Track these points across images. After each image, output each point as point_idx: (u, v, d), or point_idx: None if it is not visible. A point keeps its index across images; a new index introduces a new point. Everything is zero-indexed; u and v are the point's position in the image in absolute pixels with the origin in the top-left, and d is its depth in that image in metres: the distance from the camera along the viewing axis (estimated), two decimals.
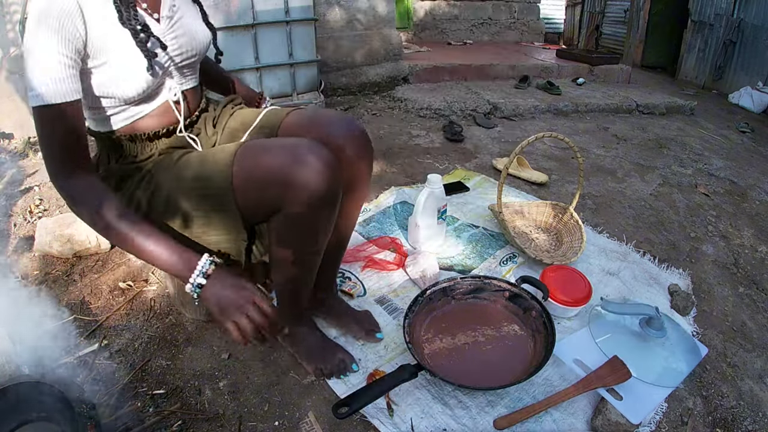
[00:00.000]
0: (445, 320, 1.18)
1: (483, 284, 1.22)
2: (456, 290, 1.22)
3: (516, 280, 1.18)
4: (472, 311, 1.20)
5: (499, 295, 1.21)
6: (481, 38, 5.51)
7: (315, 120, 0.97)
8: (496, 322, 1.17)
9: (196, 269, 0.75)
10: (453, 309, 1.21)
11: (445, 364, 1.06)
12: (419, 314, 1.15)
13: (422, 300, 1.16)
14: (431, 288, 1.19)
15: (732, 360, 1.22)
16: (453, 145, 2.47)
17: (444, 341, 1.12)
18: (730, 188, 2.23)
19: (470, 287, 1.22)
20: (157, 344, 1.17)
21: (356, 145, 0.96)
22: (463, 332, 1.14)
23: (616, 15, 6.76)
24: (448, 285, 1.21)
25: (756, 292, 1.51)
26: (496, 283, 1.21)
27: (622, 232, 1.71)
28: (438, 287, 1.20)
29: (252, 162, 0.82)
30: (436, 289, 1.19)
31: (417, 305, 1.14)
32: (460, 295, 1.22)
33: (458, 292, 1.22)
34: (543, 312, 1.11)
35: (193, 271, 0.75)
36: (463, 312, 1.20)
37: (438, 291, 1.20)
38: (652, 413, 1.02)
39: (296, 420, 0.99)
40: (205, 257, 0.77)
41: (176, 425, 0.96)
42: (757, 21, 4.78)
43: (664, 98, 3.60)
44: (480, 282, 1.22)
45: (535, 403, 0.99)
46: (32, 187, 1.89)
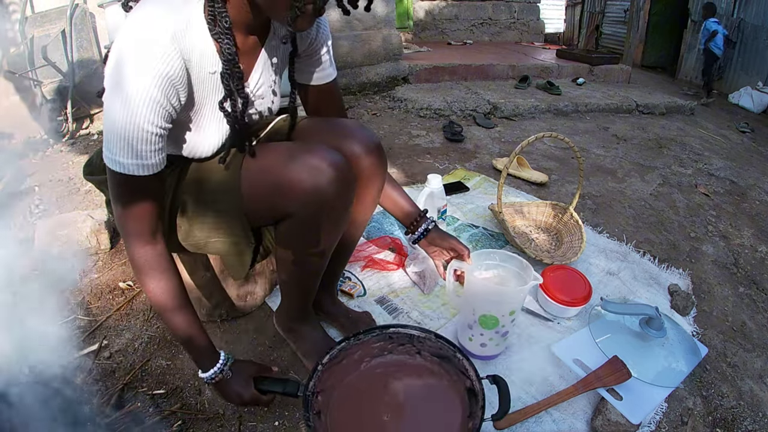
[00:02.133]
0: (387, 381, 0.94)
1: (452, 356, 0.93)
2: (423, 344, 0.97)
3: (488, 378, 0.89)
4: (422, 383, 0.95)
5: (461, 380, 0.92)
6: (481, 38, 5.51)
7: (332, 127, 0.95)
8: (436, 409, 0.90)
9: (206, 374, 0.86)
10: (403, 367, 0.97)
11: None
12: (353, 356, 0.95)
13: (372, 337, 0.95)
14: (397, 329, 0.96)
15: (732, 360, 1.22)
16: (453, 145, 2.47)
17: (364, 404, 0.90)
18: (730, 188, 2.23)
19: (438, 351, 0.96)
20: (157, 344, 1.17)
21: (372, 158, 0.93)
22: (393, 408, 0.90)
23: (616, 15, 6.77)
24: (419, 335, 0.95)
25: (756, 292, 1.51)
26: (464, 364, 0.90)
27: (622, 232, 1.71)
28: (406, 332, 0.96)
29: (262, 166, 0.81)
30: (403, 333, 0.96)
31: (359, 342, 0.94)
32: (426, 350, 0.97)
33: (425, 347, 0.97)
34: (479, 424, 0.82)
35: (205, 372, 0.86)
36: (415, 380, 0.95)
37: (404, 336, 0.96)
38: (652, 413, 1.02)
39: (296, 420, 0.99)
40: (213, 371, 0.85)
41: (176, 425, 0.96)
42: (757, 21, 4.78)
43: (664, 98, 3.61)
44: (451, 351, 0.93)
45: (535, 403, 0.99)
46: (32, 187, 1.89)
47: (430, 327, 1.21)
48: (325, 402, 0.88)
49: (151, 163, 0.71)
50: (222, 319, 1.22)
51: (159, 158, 0.72)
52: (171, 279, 0.79)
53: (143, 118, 0.66)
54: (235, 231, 0.88)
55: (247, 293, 1.21)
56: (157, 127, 0.68)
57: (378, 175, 0.96)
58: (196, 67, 0.72)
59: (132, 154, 0.68)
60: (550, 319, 1.25)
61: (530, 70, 3.85)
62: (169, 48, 0.66)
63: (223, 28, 0.70)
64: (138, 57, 0.64)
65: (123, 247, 1.51)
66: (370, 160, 0.92)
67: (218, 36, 0.71)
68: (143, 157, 0.69)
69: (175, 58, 0.67)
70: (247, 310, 1.24)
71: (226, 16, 0.69)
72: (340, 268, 1.19)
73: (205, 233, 0.89)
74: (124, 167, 0.69)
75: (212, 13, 0.69)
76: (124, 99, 0.65)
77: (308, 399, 0.83)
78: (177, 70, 0.68)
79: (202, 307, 1.19)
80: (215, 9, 0.69)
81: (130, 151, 0.68)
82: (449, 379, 0.93)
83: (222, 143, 0.86)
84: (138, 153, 0.68)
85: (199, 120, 0.80)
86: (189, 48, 0.70)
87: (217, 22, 0.70)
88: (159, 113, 0.68)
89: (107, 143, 0.69)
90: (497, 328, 1.02)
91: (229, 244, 0.90)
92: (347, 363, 0.94)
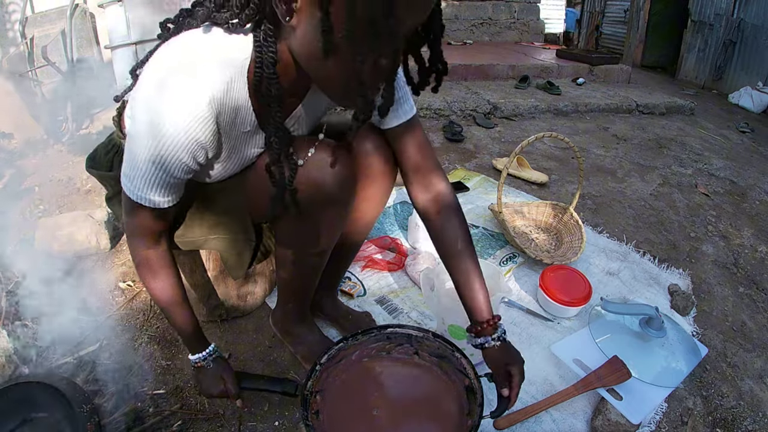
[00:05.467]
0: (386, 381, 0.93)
1: (450, 355, 0.92)
2: (422, 343, 0.95)
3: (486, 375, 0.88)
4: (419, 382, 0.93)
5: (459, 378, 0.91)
6: (481, 38, 5.51)
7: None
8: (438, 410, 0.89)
9: (192, 356, 0.88)
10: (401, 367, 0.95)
11: None
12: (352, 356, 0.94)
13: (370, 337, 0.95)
14: (395, 329, 0.95)
15: (732, 360, 1.22)
16: (453, 145, 2.47)
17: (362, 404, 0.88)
18: (730, 188, 2.22)
19: (436, 350, 0.95)
20: (157, 344, 1.17)
21: (381, 156, 0.91)
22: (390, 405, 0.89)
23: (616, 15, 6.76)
24: (417, 335, 0.95)
25: (756, 292, 1.51)
26: (463, 362, 0.90)
27: (622, 232, 1.70)
28: (404, 331, 0.95)
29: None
30: (401, 333, 0.95)
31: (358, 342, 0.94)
32: (424, 350, 0.96)
33: (423, 347, 0.96)
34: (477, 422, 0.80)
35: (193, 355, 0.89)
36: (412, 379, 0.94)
37: (402, 335, 0.95)
38: (652, 413, 1.02)
39: (296, 420, 0.99)
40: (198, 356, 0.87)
41: (176, 425, 0.96)
42: (757, 21, 4.78)
43: (664, 98, 3.60)
44: (449, 350, 0.92)
45: (535, 403, 0.99)
46: (32, 187, 1.89)
47: (429, 327, 1.21)
48: (324, 401, 0.87)
49: (166, 200, 0.72)
50: (222, 319, 1.21)
51: (173, 198, 0.73)
52: (171, 276, 0.82)
53: (166, 169, 0.66)
54: (235, 228, 0.88)
55: (247, 293, 1.21)
56: (176, 179, 0.69)
57: (387, 174, 0.94)
58: (228, 126, 0.69)
59: (149, 190, 0.69)
60: (550, 319, 1.25)
61: (530, 70, 3.84)
62: (205, 112, 0.63)
63: (271, 95, 0.65)
64: (173, 110, 0.61)
65: (123, 247, 1.51)
66: (378, 157, 0.91)
67: (266, 101, 0.66)
68: (159, 195, 0.70)
69: (210, 122, 0.64)
70: (247, 311, 1.24)
71: (276, 83, 0.64)
72: (344, 269, 1.18)
73: (204, 230, 0.88)
74: (140, 198, 0.70)
75: (259, 76, 0.63)
76: (151, 146, 0.64)
77: (306, 399, 0.83)
78: (208, 135, 0.66)
79: (202, 307, 1.19)
80: (264, 73, 0.63)
81: (148, 188, 0.68)
82: (447, 378, 0.92)
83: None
84: (154, 192, 0.69)
85: (224, 166, 0.78)
86: (225, 110, 0.66)
87: (263, 87, 0.64)
88: (182, 168, 0.68)
89: (127, 172, 0.68)
90: (467, 339, 1.00)
91: (228, 241, 0.90)
92: (345, 363, 0.93)
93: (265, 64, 0.62)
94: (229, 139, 0.72)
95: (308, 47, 0.60)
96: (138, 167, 0.66)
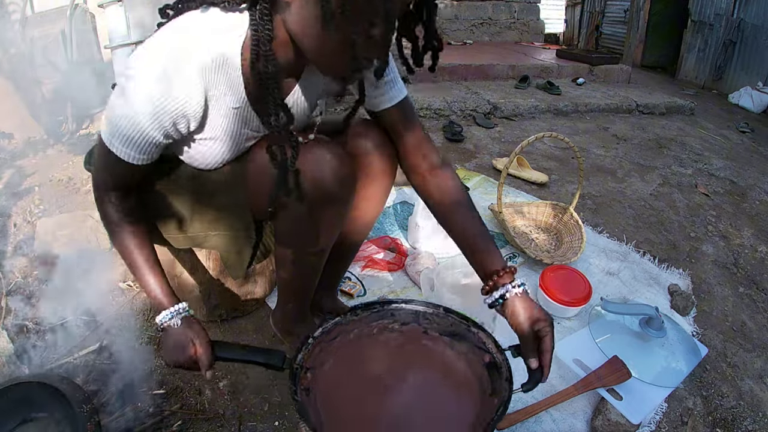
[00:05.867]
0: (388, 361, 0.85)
1: (466, 331, 0.85)
2: (431, 321, 0.88)
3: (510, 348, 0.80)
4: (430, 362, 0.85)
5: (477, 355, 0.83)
6: (481, 38, 5.51)
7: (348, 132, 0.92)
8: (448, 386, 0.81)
9: (158, 317, 0.79)
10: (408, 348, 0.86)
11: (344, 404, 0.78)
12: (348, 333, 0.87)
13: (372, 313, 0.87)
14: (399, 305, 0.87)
15: (732, 360, 1.22)
16: (453, 145, 2.47)
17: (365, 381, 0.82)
18: (730, 188, 2.23)
19: (449, 327, 0.86)
20: (157, 344, 1.17)
21: (381, 155, 0.91)
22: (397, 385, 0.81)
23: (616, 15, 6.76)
24: (423, 311, 0.87)
25: (756, 292, 1.51)
26: (481, 337, 0.83)
27: (622, 232, 1.70)
28: (410, 308, 0.87)
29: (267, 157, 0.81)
30: (407, 309, 0.87)
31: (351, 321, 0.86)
32: (433, 329, 0.88)
33: (432, 326, 0.88)
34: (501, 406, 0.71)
35: (156, 316, 0.80)
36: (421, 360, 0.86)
37: (408, 312, 0.88)
38: (652, 413, 1.02)
39: (296, 420, 0.99)
40: (164, 314, 0.77)
41: (176, 425, 0.96)
42: (757, 21, 4.77)
43: (664, 98, 3.60)
44: (464, 327, 0.85)
45: (535, 403, 0.99)
46: (32, 187, 1.89)
47: None
48: (315, 380, 0.79)
49: (141, 158, 0.72)
50: (222, 319, 1.21)
51: (148, 156, 0.73)
52: (139, 231, 0.80)
53: (143, 131, 0.68)
54: (236, 225, 0.87)
55: (247, 293, 1.21)
56: (155, 140, 0.70)
57: (386, 173, 0.94)
58: (217, 101, 0.71)
59: (125, 145, 0.70)
60: None
61: (530, 70, 3.85)
62: (194, 81, 0.65)
63: (269, 72, 0.64)
64: (160, 77, 0.64)
65: None
66: (378, 157, 0.91)
67: (263, 79, 0.65)
68: (136, 151, 0.70)
69: (197, 94, 0.67)
70: (247, 311, 1.24)
71: (273, 59, 0.64)
72: (343, 269, 1.18)
73: (205, 226, 0.88)
74: (114, 147, 0.70)
75: (256, 53, 0.64)
76: (131, 106, 0.66)
77: (296, 373, 0.75)
78: (194, 106, 0.68)
79: (202, 307, 1.19)
80: (260, 50, 0.63)
81: (124, 143, 0.69)
82: (464, 358, 0.83)
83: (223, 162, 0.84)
84: (131, 147, 0.70)
85: (211, 145, 0.78)
86: (216, 83, 0.68)
87: (261, 64, 0.64)
88: (162, 132, 0.69)
89: (107, 124, 0.70)
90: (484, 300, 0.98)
91: (228, 238, 0.89)
92: (341, 340, 0.84)
93: (261, 41, 0.63)
94: (218, 115, 0.73)
95: (304, 22, 0.62)
96: (115, 120, 0.68)
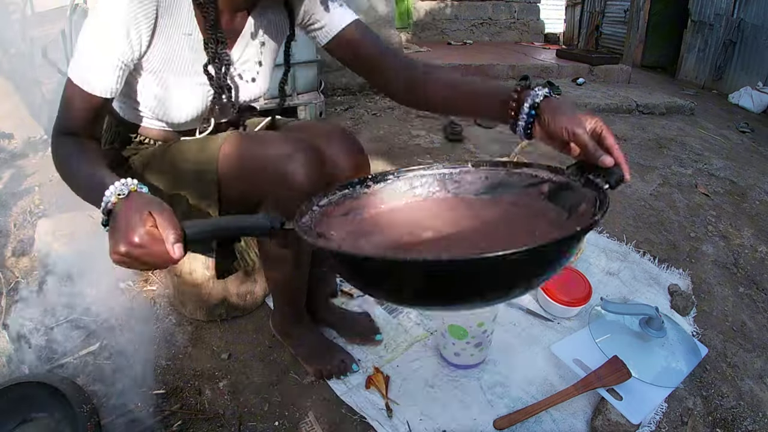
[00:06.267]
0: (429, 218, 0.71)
1: (506, 177, 0.72)
2: (460, 183, 0.74)
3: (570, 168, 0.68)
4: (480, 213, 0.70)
5: (532, 193, 0.71)
6: (481, 38, 5.51)
7: (314, 132, 0.94)
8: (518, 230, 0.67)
9: (101, 201, 0.59)
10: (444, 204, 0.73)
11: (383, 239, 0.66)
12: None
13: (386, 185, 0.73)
14: (417, 171, 0.74)
15: (732, 360, 1.22)
16: (453, 145, 2.47)
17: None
18: (730, 188, 2.22)
19: (485, 181, 0.73)
20: (157, 344, 1.17)
21: (353, 160, 0.93)
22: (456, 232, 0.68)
23: (616, 15, 6.76)
24: (449, 172, 0.74)
25: (756, 292, 1.51)
26: (527, 172, 0.71)
27: (622, 232, 1.70)
28: (430, 172, 0.74)
29: (241, 149, 0.82)
30: (427, 174, 0.74)
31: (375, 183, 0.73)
32: (466, 191, 0.74)
33: (463, 188, 0.74)
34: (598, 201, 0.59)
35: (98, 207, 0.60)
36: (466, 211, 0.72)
37: (431, 179, 0.75)
38: (652, 413, 1.02)
39: (296, 420, 0.99)
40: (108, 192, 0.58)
41: (176, 425, 0.96)
42: (757, 21, 4.78)
43: (664, 98, 3.60)
44: (503, 173, 0.72)
45: (535, 403, 0.99)
46: (32, 187, 1.89)
47: (430, 328, 1.21)
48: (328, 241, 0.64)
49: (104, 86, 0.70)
50: (222, 318, 1.22)
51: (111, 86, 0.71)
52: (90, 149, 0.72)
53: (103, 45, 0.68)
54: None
55: (247, 292, 1.21)
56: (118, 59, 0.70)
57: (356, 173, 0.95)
58: (168, 21, 0.73)
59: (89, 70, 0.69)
60: (550, 319, 1.25)
61: (530, 70, 3.85)
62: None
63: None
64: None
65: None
66: (350, 162, 0.93)
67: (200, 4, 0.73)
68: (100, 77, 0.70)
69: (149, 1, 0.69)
70: (247, 310, 1.24)
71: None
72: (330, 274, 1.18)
73: None
74: (79, 77, 0.69)
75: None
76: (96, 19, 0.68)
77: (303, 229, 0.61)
78: (148, 14, 0.69)
79: (203, 307, 1.19)
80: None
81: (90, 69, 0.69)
82: (516, 206, 0.70)
83: (198, 114, 0.84)
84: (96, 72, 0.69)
85: (166, 79, 0.79)
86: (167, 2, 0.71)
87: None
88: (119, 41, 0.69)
89: (76, 50, 0.70)
90: (467, 339, 1.00)
91: None
92: (352, 216, 0.70)
93: None
94: (167, 37, 0.74)
95: None
96: (83, 47, 0.69)
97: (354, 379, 1.06)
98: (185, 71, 0.79)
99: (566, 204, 0.65)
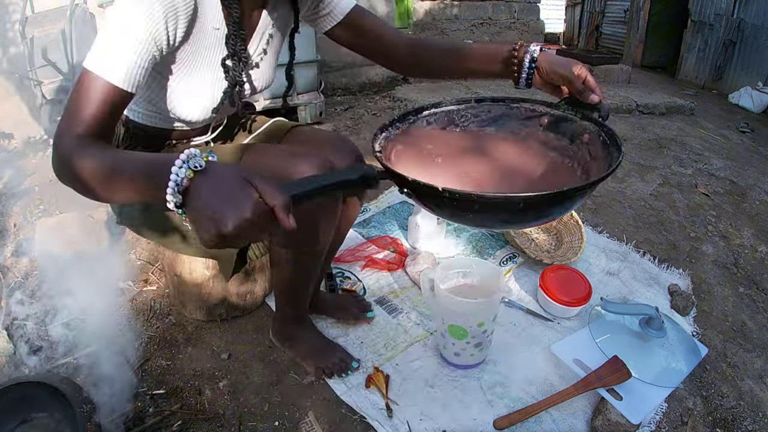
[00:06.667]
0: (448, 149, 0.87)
1: (508, 109, 0.88)
2: (467, 118, 0.89)
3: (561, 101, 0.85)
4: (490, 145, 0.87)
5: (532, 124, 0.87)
6: (481, 38, 5.50)
7: (315, 140, 0.97)
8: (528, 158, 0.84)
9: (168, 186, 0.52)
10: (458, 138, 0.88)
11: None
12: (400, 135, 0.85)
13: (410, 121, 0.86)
14: (428, 111, 0.88)
15: (732, 360, 1.22)
16: None
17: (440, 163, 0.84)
18: (730, 188, 2.22)
19: (488, 114, 0.89)
20: (157, 344, 1.17)
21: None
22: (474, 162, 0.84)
23: (616, 15, 6.77)
24: (455, 109, 0.89)
25: (756, 292, 1.51)
26: (527, 106, 0.87)
27: (622, 232, 1.70)
28: (439, 109, 0.88)
29: (254, 159, 0.83)
30: (437, 112, 0.88)
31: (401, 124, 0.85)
32: (474, 125, 0.89)
33: (471, 121, 0.89)
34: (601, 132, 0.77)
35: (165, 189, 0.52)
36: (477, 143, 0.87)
37: (440, 115, 0.88)
38: (652, 413, 1.02)
39: (296, 420, 0.99)
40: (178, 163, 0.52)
41: (176, 425, 0.96)
42: (757, 21, 4.78)
43: (664, 98, 3.60)
44: (504, 107, 0.88)
45: (535, 403, 0.99)
46: (32, 187, 1.89)
47: (430, 328, 1.21)
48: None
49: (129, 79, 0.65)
50: (222, 318, 1.22)
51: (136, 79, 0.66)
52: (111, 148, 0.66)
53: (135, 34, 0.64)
54: None
55: (247, 292, 1.21)
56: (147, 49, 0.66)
57: None
58: (202, 16, 0.74)
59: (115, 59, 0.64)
60: (550, 319, 1.25)
61: None
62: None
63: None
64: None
65: (123, 247, 1.51)
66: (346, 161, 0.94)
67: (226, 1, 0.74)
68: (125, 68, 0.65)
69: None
70: (247, 310, 1.24)
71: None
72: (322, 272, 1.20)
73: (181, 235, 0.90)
74: (101, 69, 0.63)
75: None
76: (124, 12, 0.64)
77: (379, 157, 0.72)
78: (187, 4, 0.69)
79: (202, 306, 1.19)
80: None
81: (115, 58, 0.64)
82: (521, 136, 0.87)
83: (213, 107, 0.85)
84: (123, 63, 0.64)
85: (189, 72, 0.79)
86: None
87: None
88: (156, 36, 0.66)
89: (97, 41, 0.65)
90: (467, 339, 1.01)
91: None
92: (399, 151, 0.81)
93: None
94: (200, 32, 0.75)
95: None
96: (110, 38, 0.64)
97: (354, 378, 1.06)
98: (209, 65, 0.80)
99: (566, 133, 0.82)
